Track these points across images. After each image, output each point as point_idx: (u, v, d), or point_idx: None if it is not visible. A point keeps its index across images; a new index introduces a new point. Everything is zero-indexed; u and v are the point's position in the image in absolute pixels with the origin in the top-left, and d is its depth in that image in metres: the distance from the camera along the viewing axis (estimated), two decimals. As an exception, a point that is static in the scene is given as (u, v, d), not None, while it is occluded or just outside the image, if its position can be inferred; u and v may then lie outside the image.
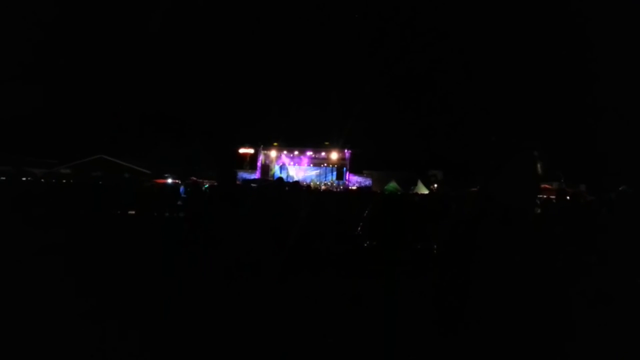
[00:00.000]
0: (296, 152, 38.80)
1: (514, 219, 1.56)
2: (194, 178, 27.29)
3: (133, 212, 12.82)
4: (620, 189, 13.20)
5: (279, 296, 4.90)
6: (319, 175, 38.95)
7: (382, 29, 62.72)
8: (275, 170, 38.46)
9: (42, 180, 20.58)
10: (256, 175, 36.40)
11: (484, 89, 62.04)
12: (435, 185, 35.15)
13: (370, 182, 36.95)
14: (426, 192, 29.00)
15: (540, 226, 6.19)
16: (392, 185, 30.04)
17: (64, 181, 19.62)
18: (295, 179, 32.68)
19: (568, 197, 7.60)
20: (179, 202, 12.86)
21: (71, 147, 38.54)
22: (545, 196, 17.36)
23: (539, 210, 6.95)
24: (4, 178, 16.10)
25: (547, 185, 28.87)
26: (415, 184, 32.91)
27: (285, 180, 11.70)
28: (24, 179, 16.96)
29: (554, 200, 8.74)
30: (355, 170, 38.94)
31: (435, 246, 4.95)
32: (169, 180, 25.45)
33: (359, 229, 5.14)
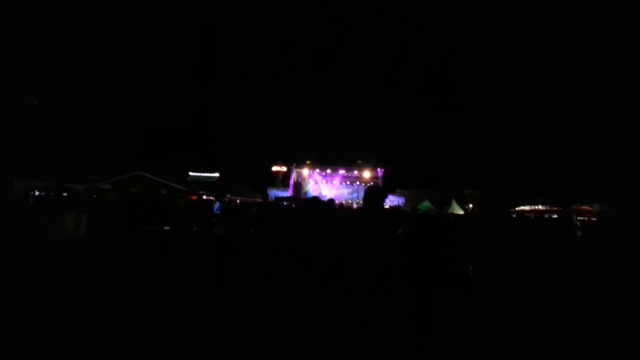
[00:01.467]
0: (328, 171, 38.88)
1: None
2: (229, 195, 27.75)
3: (168, 228, 13.11)
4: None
5: (309, 315, 4.89)
6: (351, 194, 38.86)
7: (416, 45, 62.73)
8: (308, 188, 38.62)
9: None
10: (288, 193, 36.63)
11: (522, 106, 60.82)
12: (471, 206, 34.43)
13: (403, 201, 36.54)
14: (461, 212, 28.41)
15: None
16: (425, 204, 29.60)
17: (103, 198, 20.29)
18: (328, 197, 32.68)
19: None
20: (215, 219, 13.05)
21: (111, 164, 40.01)
22: (586, 218, 16.74)
23: (579, 233, 6.73)
24: (43, 193, 16.80)
25: (587, 207, 27.84)
26: (450, 204, 32.32)
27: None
28: (64, 194, 17.65)
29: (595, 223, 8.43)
30: (388, 189, 38.64)
31: (470, 268, 4.86)
32: (204, 197, 25.95)
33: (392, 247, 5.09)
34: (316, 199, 7.86)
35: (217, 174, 42.55)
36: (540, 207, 33.33)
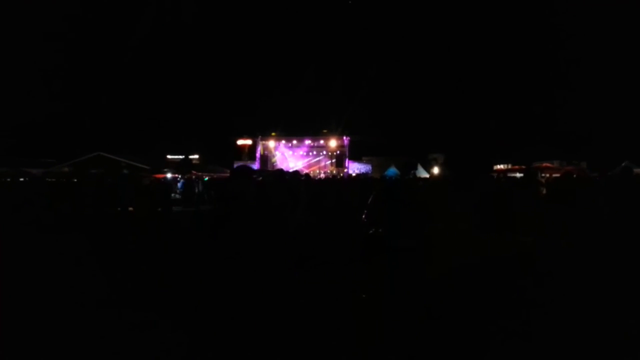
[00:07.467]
0: (294, 142, 38.61)
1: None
2: (194, 172, 27.16)
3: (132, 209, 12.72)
4: (623, 164, 13.09)
5: (281, 287, 4.84)
6: (318, 164, 38.85)
7: (379, 13, 62.07)
8: (275, 160, 38.35)
9: (48, 179, 20.38)
10: (255, 166, 36.23)
11: (482, 68, 61.65)
12: (436, 169, 34.97)
13: (370, 168, 36.78)
14: (427, 176, 28.79)
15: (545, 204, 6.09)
16: (392, 170, 29.85)
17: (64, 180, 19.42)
18: (294, 168, 32.54)
19: (574, 176, 7.52)
20: (177, 196, 12.75)
21: (69, 145, 38.34)
22: (548, 175, 17.29)
23: (544, 190, 6.86)
24: (2, 179, 15.97)
25: (548, 164, 28.76)
26: (415, 168, 32.52)
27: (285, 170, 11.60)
28: (22, 179, 16.81)
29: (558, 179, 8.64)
30: (354, 157, 38.76)
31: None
32: (169, 175, 25.30)
33: (364, 216, 5.05)
34: (281, 172, 7.73)
35: (197, 156, 40.80)
36: (502, 166, 34.15)
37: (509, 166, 32.29)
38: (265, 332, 3.92)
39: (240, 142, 38.66)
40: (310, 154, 39.43)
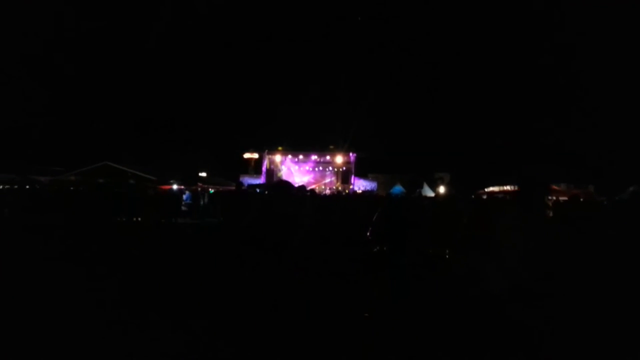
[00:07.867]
0: (301, 157, 38.70)
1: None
2: (200, 184, 27.27)
3: (138, 219, 12.77)
4: (630, 189, 13.00)
5: (285, 301, 4.81)
6: (323, 179, 38.87)
7: (385, 30, 62.76)
8: (281, 174, 38.43)
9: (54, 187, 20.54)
10: (261, 180, 36.31)
11: (489, 88, 61.87)
12: (442, 188, 34.88)
13: (376, 185, 36.74)
14: (432, 194, 28.70)
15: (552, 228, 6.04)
16: (398, 188, 29.79)
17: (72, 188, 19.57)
18: (300, 183, 32.57)
19: (581, 199, 7.48)
20: (184, 208, 12.77)
21: (77, 154, 38.65)
22: (555, 198, 17.18)
23: (551, 213, 6.82)
24: (8, 186, 16.10)
25: (555, 187, 28.59)
26: (421, 187, 32.48)
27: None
28: (27, 186, 16.93)
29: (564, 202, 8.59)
30: (360, 174, 38.77)
31: (447, 251, 4.84)
32: (175, 187, 25.39)
33: (369, 233, 5.04)
34: (287, 183, 7.75)
35: (204, 174, 41.04)
36: (508, 187, 33.92)
37: (515, 187, 32.02)
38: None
39: (246, 155, 38.87)
40: (316, 169, 39.47)
